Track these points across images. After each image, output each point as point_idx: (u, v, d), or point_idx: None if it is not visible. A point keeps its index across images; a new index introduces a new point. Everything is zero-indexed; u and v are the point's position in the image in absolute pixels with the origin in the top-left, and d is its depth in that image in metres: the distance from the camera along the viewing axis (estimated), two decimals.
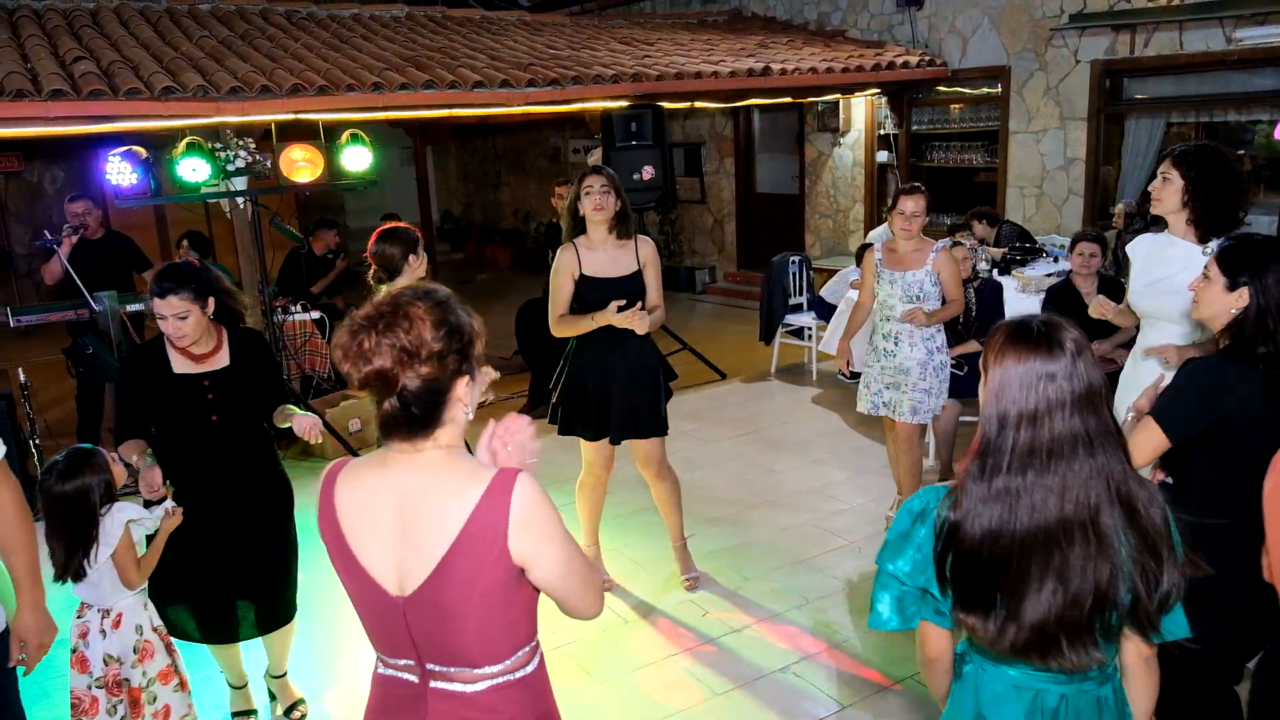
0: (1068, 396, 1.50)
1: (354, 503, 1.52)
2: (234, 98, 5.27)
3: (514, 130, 13.20)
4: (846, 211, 9.40)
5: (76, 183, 10.69)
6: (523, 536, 1.45)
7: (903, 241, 4.14)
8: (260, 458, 3.00)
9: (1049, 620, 1.52)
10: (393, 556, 1.49)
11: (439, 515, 1.45)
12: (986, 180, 8.30)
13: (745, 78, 7.21)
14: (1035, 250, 6.65)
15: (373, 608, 1.53)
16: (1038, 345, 1.52)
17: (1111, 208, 7.22)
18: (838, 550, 4.34)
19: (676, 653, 3.57)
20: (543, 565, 1.49)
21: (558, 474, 4.38)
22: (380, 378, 1.42)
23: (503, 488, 1.45)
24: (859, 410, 4.42)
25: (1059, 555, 1.51)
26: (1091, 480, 1.51)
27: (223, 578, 2.95)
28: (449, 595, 1.46)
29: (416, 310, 1.44)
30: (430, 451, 1.49)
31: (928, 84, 8.45)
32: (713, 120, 10.50)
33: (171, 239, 9.46)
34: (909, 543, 1.63)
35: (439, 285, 1.53)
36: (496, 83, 6.16)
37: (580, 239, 3.66)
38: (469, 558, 1.44)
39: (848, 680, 3.35)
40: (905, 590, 1.65)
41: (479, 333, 1.51)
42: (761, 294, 7.47)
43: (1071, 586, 1.51)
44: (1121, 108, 7.34)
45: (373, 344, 1.42)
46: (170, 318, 2.71)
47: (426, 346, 1.42)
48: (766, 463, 5.51)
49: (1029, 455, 1.51)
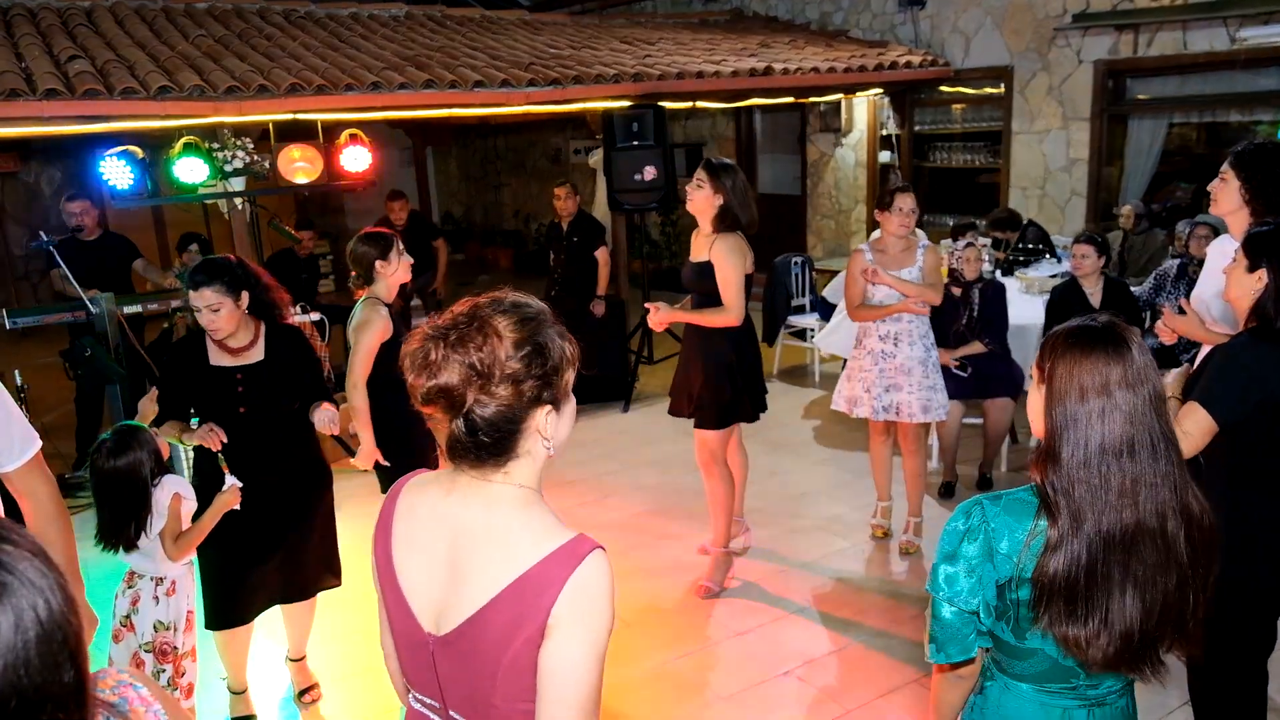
0: (1133, 396, 1.47)
1: (409, 523, 1.38)
2: (231, 97, 5.23)
3: (515, 131, 13.17)
4: (848, 212, 9.36)
5: (74, 183, 10.65)
6: (561, 618, 1.25)
7: (894, 240, 4.17)
8: (294, 450, 3.03)
9: (1134, 630, 1.47)
10: (435, 590, 1.35)
11: (490, 560, 1.30)
12: (989, 181, 8.27)
13: (747, 77, 7.17)
14: (1038, 251, 6.61)
15: (405, 638, 1.40)
16: (1106, 345, 1.49)
17: (1115, 209, 7.18)
18: (840, 553, 4.30)
19: (681, 655, 3.53)
20: (557, 660, 1.26)
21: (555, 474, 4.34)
22: (444, 395, 1.26)
23: (569, 557, 1.26)
24: (856, 415, 4.29)
25: (1136, 560, 1.47)
26: (1157, 486, 1.48)
27: (249, 563, 3.00)
28: (480, 648, 1.30)
29: (497, 324, 1.27)
30: (500, 486, 1.32)
31: (930, 84, 8.41)
32: (714, 121, 10.46)
33: (170, 240, 9.43)
34: (958, 563, 1.56)
35: (532, 299, 1.34)
36: (497, 82, 6.11)
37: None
38: (508, 615, 1.27)
39: (852, 683, 3.31)
40: (963, 616, 1.58)
41: (571, 359, 1.33)
42: (764, 295, 7.42)
43: (1147, 596, 1.48)
44: (1124, 108, 7.31)
45: (440, 356, 1.26)
46: (204, 310, 2.77)
47: (501, 367, 1.25)
48: (769, 464, 5.47)
49: (1101, 455, 1.47)
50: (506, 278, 12.60)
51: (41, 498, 2.09)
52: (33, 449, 2.07)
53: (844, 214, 9.41)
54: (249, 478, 2.92)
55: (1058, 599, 1.48)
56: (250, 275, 2.91)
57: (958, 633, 1.57)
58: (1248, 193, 2.77)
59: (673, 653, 3.56)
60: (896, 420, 4.21)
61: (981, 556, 1.54)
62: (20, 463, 2.04)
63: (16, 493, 2.08)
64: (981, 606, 1.56)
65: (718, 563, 4.04)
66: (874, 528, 4.49)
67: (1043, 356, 1.56)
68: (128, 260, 5.99)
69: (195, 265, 2.85)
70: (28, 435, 2.06)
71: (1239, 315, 2.35)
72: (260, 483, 2.95)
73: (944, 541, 1.59)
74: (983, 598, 1.55)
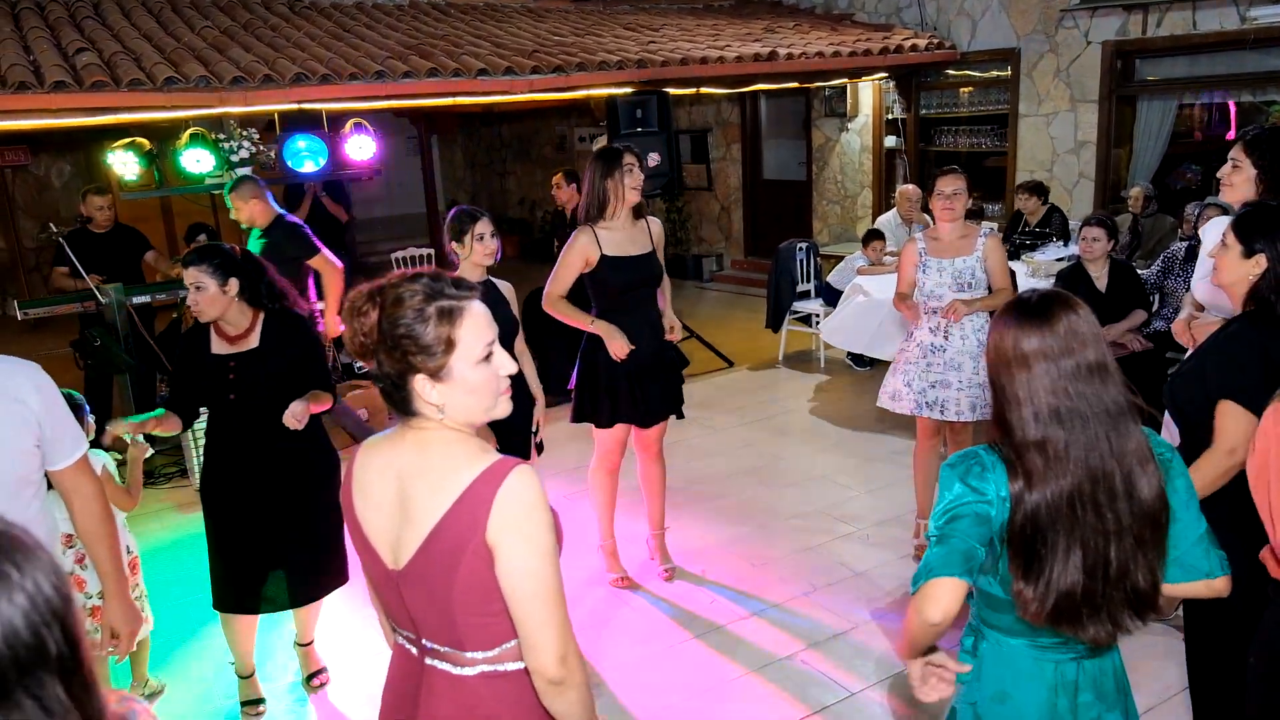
0: (1053, 367, 1.56)
1: (364, 475, 1.56)
2: (237, 88, 5.25)
3: (520, 118, 13.15)
4: (854, 197, 9.33)
5: (84, 176, 10.70)
6: (499, 532, 1.42)
7: (947, 227, 3.88)
8: (291, 438, 2.99)
9: (1075, 590, 1.55)
10: (391, 530, 1.52)
11: (429, 494, 1.47)
12: (995, 165, 8.22)
13: (752, 63, 7.15)
14: (1044, 234, 6.59)
15: (376, 579, 1.58)
16: (1033, 316, 1.59)
17: (1123, 191, 7.14)
18: (845, 538, 4.32)
19: (685, 639, 3.56)
20: (510, 569, 1.42)
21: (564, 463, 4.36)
22: (359, 351, 1.49)
23: (492, 478, 1.44)
24: (895, 410, 4.05)
25: (1076, 523, 1.55)
26: (1091, 450, 1.55)
27: (251, 550, 3.05)
28: (433, 574, 1.46)
29: (387, 295, 1.47)
30: (432, 431, 1.50)
31: (936, 67, 8.36)
32: (719, 107, 10.43)
33: (177, 231, 9.47)
34: (954, 493, 1.61)
35: (441, 275, 1.51)
36: (500, 70, 6.11)
37: (597, 223, 3.63)
38: (449, 541, 1.44)
39: (856, 666, 3.33)
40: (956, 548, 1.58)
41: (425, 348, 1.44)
42: (769, 281, 7.42)
43: (1089, 557, 1.55)
44: (1133, 89, 7.25)
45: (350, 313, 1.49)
46: (190, 288, 2.85)
47: (370, 337, 1.47)
48: (774, 450, 5.49)
49: (1034, 422, 1.56)
50: (513, 265, 12.61)
51: (87, 496, 2.19)
52: (81, 449, 2.17)
53: (850, 199, 9.38)
54: (242, 464, 3.00)
55: (1017, 555, 1.57)
56: (247, 265, 2.93)
57: (947, 559, 1.56)
58: (1261, 180, 2.71)
59: (679, 635, 3.59)
60: (943, 419, 3.90)
61: (979, 492, 1.59)
62: (69, 462, 2.15)
63: (64, 491, 2.18)
64: (978, 542, 1.57)
65: (661, 543, 4.05)
66: (917, 549, 4.08)
67: (990, 328, 1.68)
68: (139, 253, 6.04)
69: (186, 253, 2.95)
70: (78, 436, 2.18)
71: (1233, 301, 2.28)
72: (254, 469, 3.00)
73: (943, 480, 1.65)
74: (977, 537, 1.57)
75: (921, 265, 3.92)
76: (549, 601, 1.44)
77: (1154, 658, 3.21)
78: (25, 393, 2.04)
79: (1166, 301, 5.13)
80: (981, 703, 1.69)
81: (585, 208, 3.65)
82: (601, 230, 3.62)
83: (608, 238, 3.61)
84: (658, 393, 3.76)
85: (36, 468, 2.11)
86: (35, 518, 2.11)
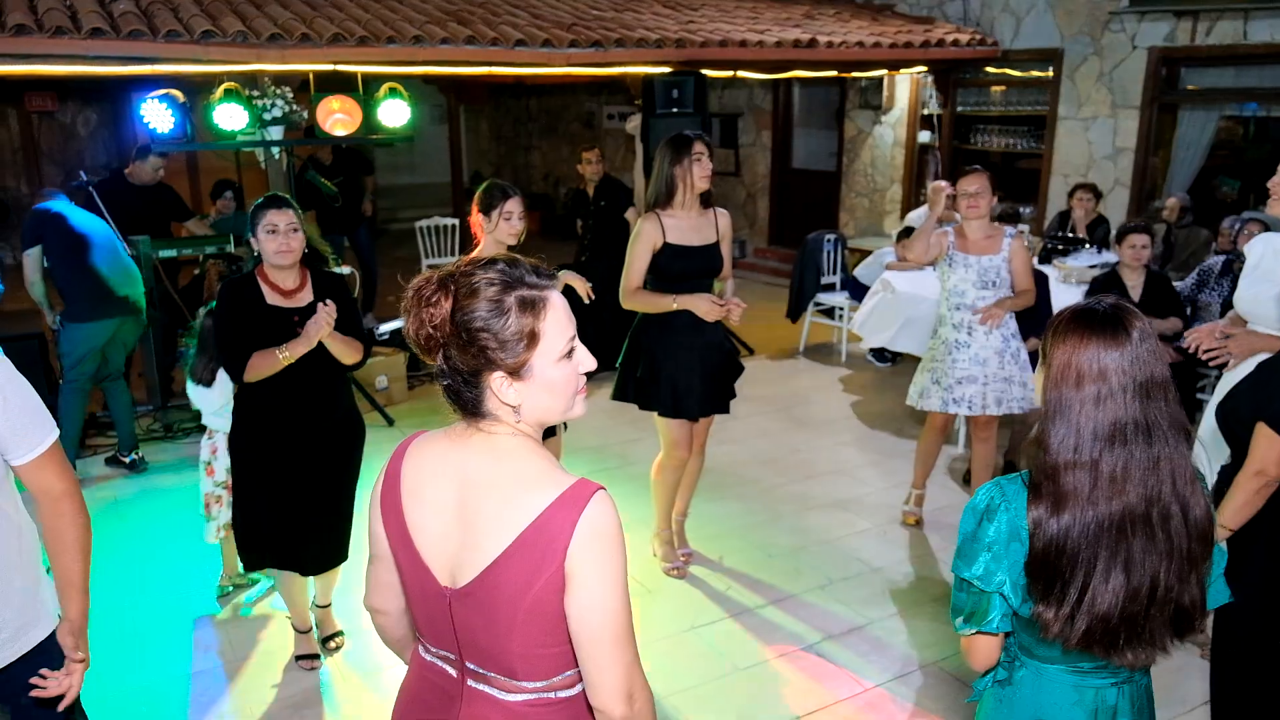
0: (1130, 382, 1.48)
1: (418, 478, 1.42)
2: (273, 45, 5.20)
3: (548, 92, 13.05)
4: (884, 192, 9.24)
5: (110, 125, 10.68)
6: (579, 564, 1.31)
7: (973, 225, 3.96)
8: (339, 395, 3.14)
9: (1113, 613, 1.50)
10: (449, 544, 1.38)
11: (500, 511, 1.33)
12: (1029, 167, 8.12)
13: (790, 49, 7.05)
14: (1077, 240, 6.50)
15: (420, 592, 1.43)
16: (1103, 328, 1.50)
17: (1159, 201, 7.04)
18: (861, 534, 4.29)
19: (699, 625, 3.55)
20: (584, 603, 1.31)
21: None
22: (424, 345, 1.36)
23: (573, 502, 1.32)
24: (923, 408, 4.14)
25: (1124, 545, 1.50)
26: (1150, 471, 1.49)
27: (299, 509, 3.08)
28: (497, 600, 1.34)
29: (458, 286, 1.34)
30: (503, 438, 1.37)
31: (976, 64, 8.24)
32: (751, 92, 10.32)
33: (203, 187, 9.44)
34: (979, 545, 1.56)
35: (518, 261, 1.37)
36: (538, 42, 6.04)
37: (664, 210, 3.58)
38: (524, 564, 1.31)
39: (871, 661, 3.32)
40: (981, 594, 1.58)
41: (502, 341, 1.33)
42: (793, 271, 7.36)
43: (1134, 579, 1.50)
44: (1176, 97, 7.13)
45: (413, 305, 1.36)
46: (283, 227, 2.87)
47: (443, 332, 1.34)
48: (792, 442, 5.45)
49: (1094, 441, 1.49)
50: (534, 241, 12.58)
51: (56, 495, 1.87)
52: (46, 441, 1.84)
53: (879, 193, 9.29)
54: (299, 421, 3.02)
55: (1037, 580, 1.52)
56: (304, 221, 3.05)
57: (979, 609, 1.58)
58: None
59: (691, 622, 3.57)
60: (970, 414, 4.03)
61: (1007, 535, 1.54)
62: (31, 456, 1.83)
63: (30, 488, 1.87)
64: (1008, 587, 1.55)
65: (681, 529, 4.07)
66: (906, 515, 4.39)
67: (1045, 336, 1.58)
68: (173, 210, 6.04)
69: (267, 196, 2.97)
70: (42, 425, 1.84)
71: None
72: (308, 427, 3.04)
73: (965, 521, 1.60)
74: (1009, 579, 1.55)
75: (949, 259, 4.00)
76: (621, 639, 1.34)
77: (1170, 672, 3.17)
78: None
79: (1200, 315, 5.05)
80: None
81: (653, 194, 3.62)
82: (667, 218, 3.57)
83: (673, 225, 3.57)
84: (714, 386, 3.74)
85: None
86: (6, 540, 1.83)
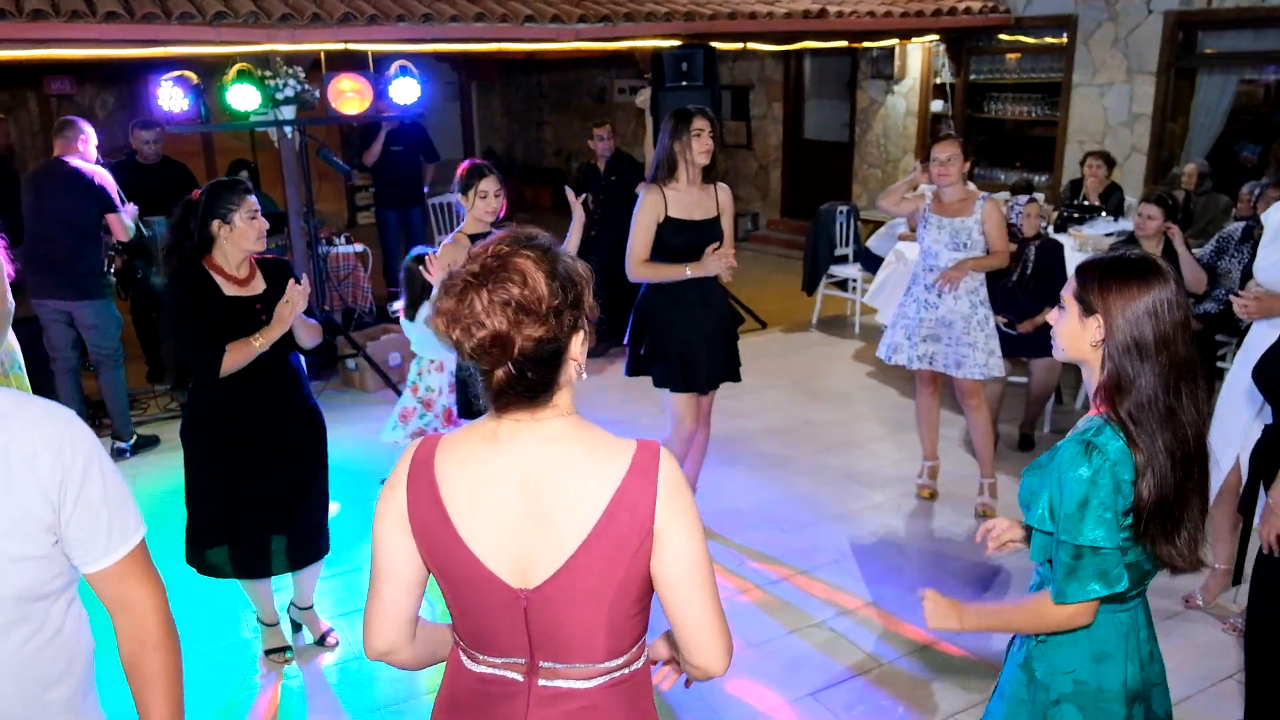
0: (1182, 321, 1.59)
1: (463, 485, 1.33)
2: (285, 25, 5.22)
3: (559, 68, 12.98)
4: (896, 162, 9.17)
5: (128, 107, 10.72)
6: (668, 521, 1.30)
7: (947, 189, 4.06)
8: (298, 386, 3.08)
9: (1198, 534, 1.64)
10: (517, 544, 1.32)
11: (577, 493, 1.30)
12: (1044, 134, 8.04)
13: (800, 19, 7.00)
14: (1092, 208, 6.45)
15: (483, 604, 1.35)
16: (1157, 275, 1.60)
17: (1177, 167, 6.97)
18: (875, 507, 4.32)
19: None
20: (676, 557, 1.31)
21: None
22: (497, 343, 1.24)
23: (647, 464, 1.31)
24: (894, 362, 4.25)
25: (1189, 476, 1.61)
26: (1193, 405, 1.61)
27: (263, 509, 3.00)
28: (587, 583, 1.31)
29: (523, 262, 1.26)
30: (552, 421, 1.33)
31: (989, 31, 8.14)
32: (762, 63, 10.23)
33: (219, 167, 9.50)
34: (1096, 508, 1.59)
35: (537, 230, 1.35)
36: (547, 18, 6.03)
37: (666, 183, 3.63)
38: (613, 538, 1.30)
39: (885, 637, 3.35)
40: (1107, 554, 1.60)
41: (588, 279, 1.34)
42: (806, 243, 7.34)
43: (1205, 499, 1.66)
44: (1194, 62, 7.03)
45: (485, 304, 1.24)
46: (256, 217, 2.86)
47: (544, 301, 1.25)
48: (805, 414, 5.48)
49: (1169, 379, 1.58)
50: (546, 216, 12.56)
51: (142, 612, 1.42)
52: (129, 543, 1.40)
53: (892, 163, 9.23)
54: (264, 411, 2.95)
55: (1155, 521, 1.59)
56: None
57: (1108, 570, 1.61)
58: None
59: None
60: (931, 369, 4.15)
61: (1113, 490, 1.59)
62: (109, 562, 1.38)
63: (104, 600, 1.41)
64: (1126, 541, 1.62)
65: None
66: (920, 488, 4.41)
67: (1087, 288, 1.63)
68: (183, 188, 6.07)
69: (231, 180, 2.95)
70: (125, 525, 1.39)
71: None
72: (271, 416, 2.97)
73: (1071, 491, 1.60)
74: (1123, 534, 1.61)
75: (924, 220, 4.14)
76: (713, 589, 1.34)
77: (1194, 646, 3.21)
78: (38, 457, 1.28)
79: (1219, 283, 5.03)
80: (1081, 668, 1.69)
81: (655, 167, 3.67)
82: (670, 191, 3.63)
83: (674, 199, 3.63)
84: (722, 355, 3.82)
85: (50, 577, 1.32)
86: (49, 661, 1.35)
